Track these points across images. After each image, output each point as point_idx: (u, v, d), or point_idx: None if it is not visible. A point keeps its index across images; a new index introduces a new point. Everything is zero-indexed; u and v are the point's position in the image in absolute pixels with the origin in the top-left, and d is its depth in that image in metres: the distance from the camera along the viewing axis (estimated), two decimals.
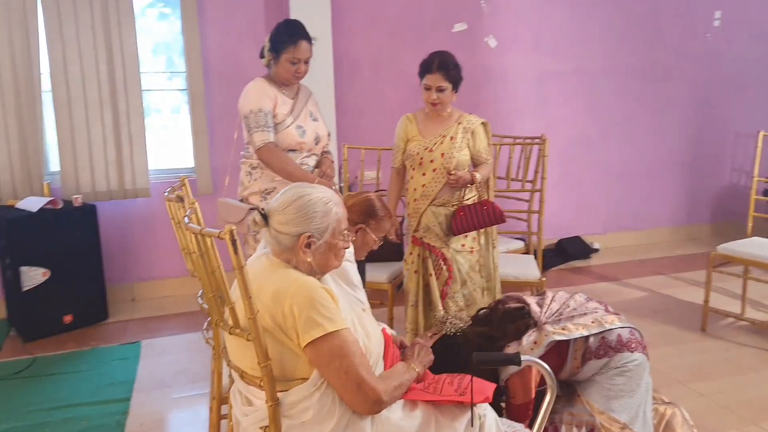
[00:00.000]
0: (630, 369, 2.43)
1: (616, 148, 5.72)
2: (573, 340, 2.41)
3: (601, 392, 2.43)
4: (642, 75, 5.66)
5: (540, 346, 2.37)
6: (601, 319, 2.46)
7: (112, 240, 4.45)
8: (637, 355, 2.45)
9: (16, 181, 4.13)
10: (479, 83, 5.16)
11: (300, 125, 3.09)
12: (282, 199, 1.78)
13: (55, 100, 4.12)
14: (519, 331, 2.44)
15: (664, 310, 4.22)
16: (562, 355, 2.44)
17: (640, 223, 5.95)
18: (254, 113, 3.01)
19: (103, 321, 4.21)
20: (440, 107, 3.12)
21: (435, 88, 3.07)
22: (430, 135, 3.15)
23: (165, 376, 3.44)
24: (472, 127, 3.14)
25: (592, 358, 2.43)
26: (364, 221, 2.49)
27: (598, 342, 2.43)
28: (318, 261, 1.78)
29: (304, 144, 3.10)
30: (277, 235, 1.75)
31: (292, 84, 3.14)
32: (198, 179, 4.53)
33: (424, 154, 3.12)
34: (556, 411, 2.52)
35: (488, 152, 3.20)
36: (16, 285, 3.83)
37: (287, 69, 3.04)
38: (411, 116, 3.26)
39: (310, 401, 1.67)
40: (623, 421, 2.39)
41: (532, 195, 4.10)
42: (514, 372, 2.37)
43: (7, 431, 2.86)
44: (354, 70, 4.84)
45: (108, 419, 2.99)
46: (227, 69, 4.56)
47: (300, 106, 3.14)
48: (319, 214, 1.76)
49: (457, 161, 3.09)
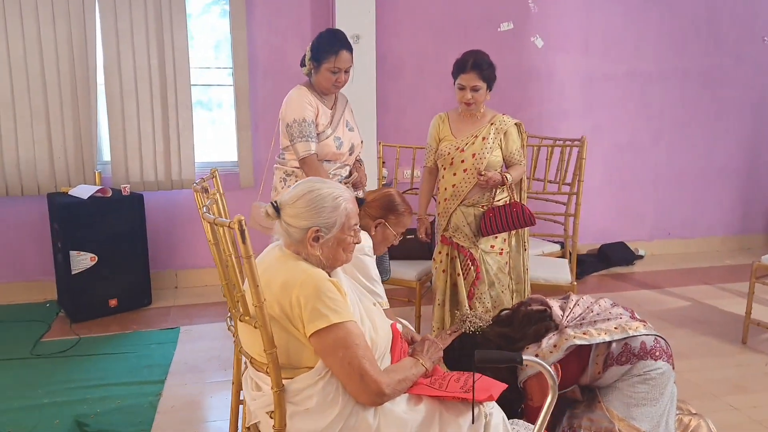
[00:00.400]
0: (653, 377, 2.38)
1: (667, 154, 5.57)
2: (595, 345, 2.38)
3: (622, 399, 2.39)
4: (698, 79, 5.49)
5: (559, 350, 2.35)
6: (624, 325, 2.42)
7: (158, 229, 4.61)
8: (660, 363, 2.40)
9: (70, 169, 4.34)
10: (524, 84, 5.11)
11: (338, 136, 3.11)
12: (293, 192, 1.83)
13: (108, 93, 4.31)
14: (538, 334, 2.42)
15: (705, 321, 4.10)
16: (583, 360, 2.41)
17: (690, 231, 5.77)
18: (298, 123, 3.02)
19: (146, 306, 4.38)
20: (474, 107, 3.11)
21: (469, 88, 3.05)
22: (462, 135, 3.15)
23: (199, 361, 3.56)
24: (504, 128, 3.12)
25: (614, 365, 2.39)
26: (384, 216, 2.52)
27: (621, 348, 2.39)
28: (326, 255, 1.81)
29: (340, 155, 3.12)
30: (287, 227, 1.80)
31: (331, 93, 3.14)
32: (240, 173, 4.65)
33: (455, 154, 3.12)
34: (576, 416, 2.49)
35: (521, 154, 3.18)
36: (66, 268, 4.02)
37: (327, 78, 3.03)
38: (444, 116, 3.26)
39: (314, 389, 1.71)
40: (644, 429, 2.34)
41: (569, 198, 4.04)
42: (532, 374, 2.36)
43: (47, 405, 3.01)
44: (397, 70, 4.86)
45: (142, 399, 3.11)
46: (273, 66, 4.67)
47: (338, 116, 3.16)
48: (328, 209, 1.79)
49: (488, 162, 3.08)
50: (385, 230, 2.49)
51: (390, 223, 2.49)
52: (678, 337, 3.80)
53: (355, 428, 1.72)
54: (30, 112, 4.21)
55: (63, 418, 2.87)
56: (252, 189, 4.68)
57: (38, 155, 4.27)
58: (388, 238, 2.52)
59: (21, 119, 4.20)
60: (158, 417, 2.96)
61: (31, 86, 4.18)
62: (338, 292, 1.73)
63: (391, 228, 2.50)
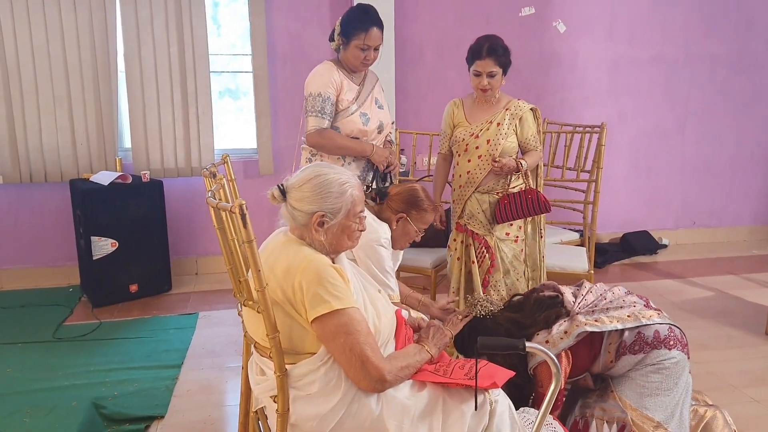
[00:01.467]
0: (667, 367, 2.33)
1: (694, 141, 5.44)
2: (607, 333, 2.35)
3: (635, 389, 2.35)
4: (727, 64, 5.35)
5: (570, 336, 2.31)
6: (638, 314, 2.37)
7: (178, 215, 4.66)
8: (675, 353, 2.35)
9: (92, 155, 4.40)
10: (546, 70, 5.03)
11: (364, 112, 3.02)
12: (300, 176, 1.82)
13: (129, 81, 4.35)
14: (549, 320, 2.39)
15: (729, 312, 4.01)
16: (594, 348, 2.38)
17: (717, 219, 5.64)
18: (313, 97, 2.94)
19: (166, 292, 4.44)
20: (490, 93, 3.06)
21: (485, 74, 2.99)
22: (477, 121, 3.10)
23: (216, 346, 3.59)
24: (520, 113, 3.07)
25: (627, 353, 2.35)
26: (406, 211, 2.49)
27: (634, 337, 2.35)
28: (330, 240, 1.81)
29: (366, 132, 3.03)
30: (292, 211, 1.79)
31: (359, 71, 3.06)
32: (260, 160, 4.67)
33: (470, 141, 3.08)
34: (588, 405, 2.46)
35: (537, 140, 3.12)
36: (88, 254, 4.09)
37: (356, 55, 2.95)
38: (458, 101, 3.21)
39: (316, 375, 1.71)
40: (657, 419, 2.30)
41: (588, 186, 3.97)
42: (542, 360, 2.33)
43: (66, 387, 3.07)
44: (417, 55, 4.82)
45: (159, 383, 3.16)
46: (292, 53, 4.66)
47: (366, 92, 3.08)
48: (334, 195, 1.78)
49: (503, 148, 3.03)
50: (407, 225, 2.47)
51: (412, 218, 2.47)
52: (700, 328, 3.73)
53: (357, 414, 1.72)
54: (53, 99, 4.27)
55: (81, 400, 2.92)
56: (272, 177, 4.70)
57: (61, 142, 4.33)
58: (409, 234, 2.49)
59: (44, 107, 4.27)
60: (174, 400, 3.00)
61: (53, 74, 4.24)
62: (341, 278, 1.73)
63: (412, 223, 2.47)
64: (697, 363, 3.30)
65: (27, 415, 2.80)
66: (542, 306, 2.45)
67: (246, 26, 4.67)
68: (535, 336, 2.38)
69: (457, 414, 1.76)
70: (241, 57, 4.78)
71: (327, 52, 4.66)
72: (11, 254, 4.54)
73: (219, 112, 4.71)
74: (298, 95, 4.65)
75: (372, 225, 2.38)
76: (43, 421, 2.74)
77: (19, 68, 4.20)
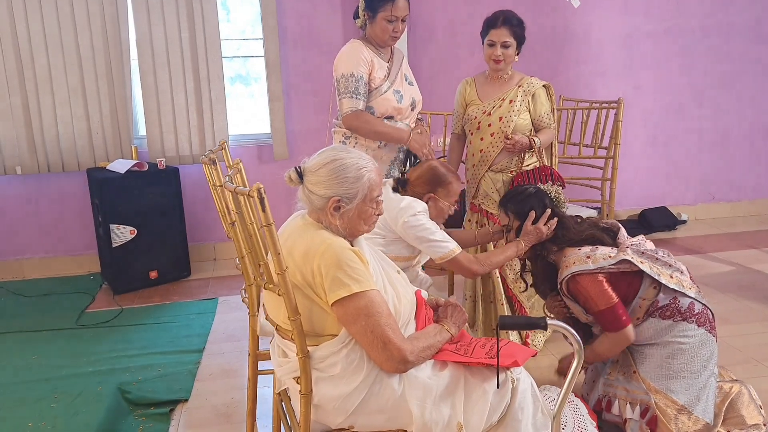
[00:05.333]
0: (691, 346, 2.32)
1: (712, 114, 5.36)
2: (645, 284, 2.34)
3: (660, 371, 2.34)
4: (746, 34, 5.24)
5: (613, 259, 2.32)
6: (681, 280, 2.36)
7: (195, 202, 4.68)
8: (702, 331, 2.34)
9: (108, 144, 4.43)
10: (560, 45, 4.97)
11: (397, 89, 2.94)
12: (317, 159, 1.81)
13: (141, 68, 4.36)
14: (593, 239, 2.42)
15: (750, 286, 3.97)
16: (630, 291, 2.36)
17: (737, 193, 5.57)
18: (345, 78, 2.84)
19: (185, 278, 4.48)
20: (503, 65, 3.01)
21: (500, 44, 2.94)
22: (489, 98, 3.07)
23: (237, 330, 3.62)
24: (532, 90, 3.02)
25: (656, 316, 2.35)
26: (432, 190, 2.49)
27: (668, 300, 2.34)
28: (346, 225, 1.80)
29: (401, 110, 2.95)
30: (309, 194, 1.79)
31: (388, 45, 2.95)
32: (274, 145, 4.67)
33: (482, 118, 3.05)
34: (611, 384, 2.45)
35: (550, 117, 3.08)
36: (107, 242, 4.13)
37: (384, 28, 2.84)
38: (470, 80, 3.18)
39: (338, 357, 1.72)
40: (681, 402, 2.29)
41: (606, 162, 3.93)
42: (578, 272, 2.32)
43: (92, 373, 3.12)
44: (428, 35, 4.78)
45: (181, 367, 3.20)
46: (303, 35, 4.64)
47: (395, 69, 2.98)
48: (351, 179, 1.77)
49: (515, 125, 3.00)
50: (437, 203, 2.46)
51: (440, 195, 2.46)
52: (721, 303, 3.70)
53: (379, 394, 1.73)
54: (67, 89, 4.29)
55: (106, 385, 2.97)
56: (286, 161, 4.70)
57: (77, 131, 4.36)
58: (443, 210, 2.49)
59: (59, 96, 4.29)
60: (197, 384, 3.04)
61: (67, 64, 4.26)
62: (360, 260, 1.73)
63: (442, 200, 2.46)
64: (719, 338, 3.24)
65: (54, 400, 2.86)
66: (596, 226, 2.48)
67: (255, 11, 4.65)
68: (579, 249, 2.40)
69: (479, 392, 1.77)
70: (251, 42, 4.76)
71: (339, 34, 4.65)
72: (32, 244, 4.60)
73: (231, 99, 4.70)
74: (311, 78, 4.68)
75: (406, 203, 2.38)
76: (70, 407, 2.79)
77: (33, 58, 4.21)
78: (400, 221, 2.37)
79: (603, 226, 2.52)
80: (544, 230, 2.49)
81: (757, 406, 2.40)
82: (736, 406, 2.39)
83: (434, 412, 1.73)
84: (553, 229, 2.51)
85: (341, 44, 3.02)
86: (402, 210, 2.38)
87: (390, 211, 2.39)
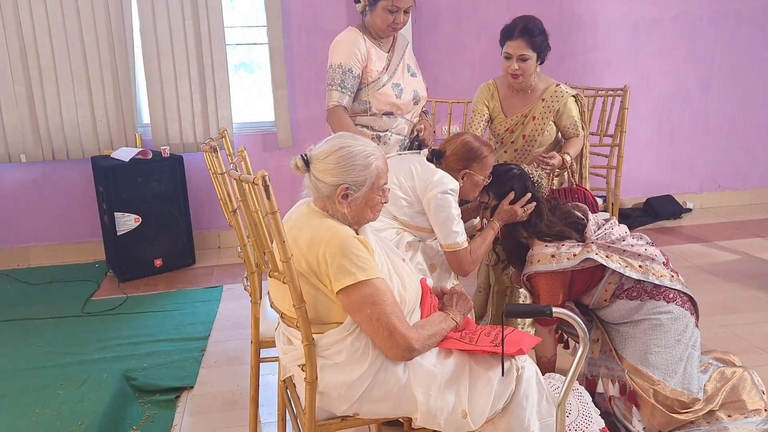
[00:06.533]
0: (662, 322, 2.34)
1: (719, 102, 5.32)
2: (610, 271, 2.36)
3: (635, 346, 2.37)
4: (753, 21, 5.19)
5: (576, 259, 2.34)
6: (649, 268, 2.37)
7: (199, 190, 4.68)
8: (673, 306, 2.35)
9: (112, 131, 4.43)
10: (566, 33, 4.93)
11: (397, 83, 2.77)
12: (324, 147, 1.80)
13: (145, 56, 4.35)
14: (561, 235, 2.43)
15: (756, 275, 3.95)
16: (594, 279, 2.40)
17: (743, 182, 5.54)
18: (333, 68, 2.72)
19: (190, 266, 4.48)
20: (521, 80, 2.78)
21: (516, 57, 2.71)
22: (513, 113, 2.91)
23: (241, 318, 3.63)
24: (556, 106, 2.84)
25: (623, 298, 2.38)
26: (467, 166, 2.46)
27: (632, 283, 2.36)
28: (353, 213, 1.80)
29: (400, 106, 2.78)
30: (316, 182, 1.78)
31: (387, 36, 2.78)
32: (278, 133, 4.66)
33: (505, 135, 2.94)
34: (594, 363, 2.50)
35: (577, 126, 2.89)
36: (112, 229, 4.14)
37: (384, 18, 2.66)
38: (492, 85, 2.96)
39: (343, 344, 1.73)
40: (656, 378, 2.31)
41: (611, 150, 3.91)
42: (543, 271, 2.36)
43: (97, 360, 3.14)
44: (433, 21, 4.75)
45: (187, 354, 3.21)
46: (307, 22, 4.61)
47: (396, 60, 2.81)
48: (359, 167, 1.76)
49: (539, 143, 2.89)
50: (473, 178, 2.44)
51: (475, 170, 2.44)
52: (727, 291, 3.69)
53: (384, 382, 1.73)
54: (71, 76, 4.29)
55: (112, 372, 2.98)
56: (290, 149, 4.69)
57: (81, 119, 4.36)
58: (478, 184, 2.47)
59: (63, 84, 4.29)
60: (202, 371, 3.06)
61: (70, 51, 4.25)
62: (365, 249, 1.72)
63: (477, 174, 2.45)
64: (724, 326, 3.28)
65: (61, 387, 2.87)
66: (567, 220, 2.48)
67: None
68: (546, 246, 2.41)
69: (484, 380, 1.77)
70: (255, 29, 4.74)
71: (343, 21, 4.62)
72: (37, 231, 4.61)
73: (235, 86, 4.68)
74: (315, 66, 4.66)
75: (439, 177, 2.36)
76: (77, 393, 2.81)
77: (37, 46, 4.20)
78: (428, 193, 2.35)
79: (572, 219, 2.50)
80: (519, 212, 2.48)
81: (760, 391, 2.40)
82: (737, 390, 2.39)
83: (439, 399, 1.74)
84: (528, 213, 2.49)
85: None
86: (434, 183, 2.35)
87: (422, 180, 2.37)
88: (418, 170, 2.40)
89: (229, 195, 2.23)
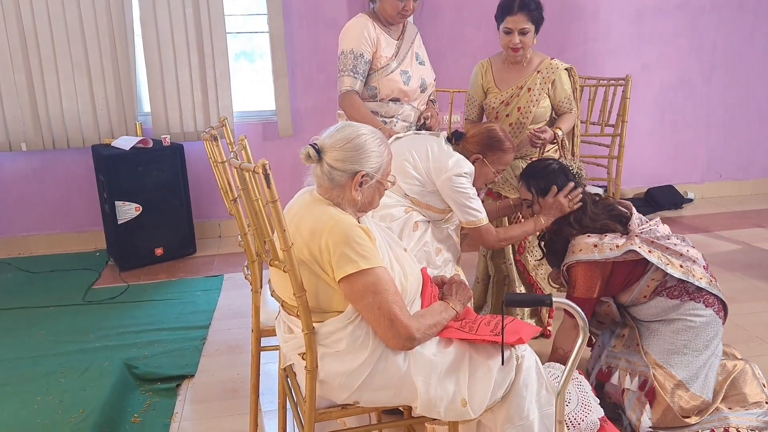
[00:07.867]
0: (696, 325, 2.32)
1: (721, 91, 5.30)
2: (653, 267, 2.34)
3: (663, 345, 2.36)
4: (756, 9, 5.16)
5: (620, 250, 2.32)
6: (690, 269, 2.35)
7: (200, 179, 4.67)
8: (709, 311, 2.34)
9: (113, 120, 4.42)
10: (568, 22, 4.91)
11: (405, 70, 2.80)
12: (339, 136, 1.78)
13: (145, 44, 4.33)
14: (604, 228, 2.41)
15: (757, 265, 3.96)
16: (634, 275, 2.38)
17: (745, 172, 5.53)
18: (345, 54, 2.75)
19: (191, 255, 4.49)
20: (522, 53, 2.85)
21: (517, 31, 2.77)
22: (507, 86, 2.94)
23: (242, 307, 3.64)
24: (552, 77, 2.89)
25: (663, 295, 2.36)
26: (482, 152, 2.44)
27: (676, 282, 2.35)
28: (365, 199, 1.80)
29: (408, 92, 2.82)
30: (330, 171, 1.75)
31: (397, 23, 2.81)
32: (279, 122, 4.65)
33: (500, 108, 2.95)
34: (614, 356, 2.48)
35: (571, 101, 2.95)
36: (113, 218, 4.14)
37: (393, 5, 2.70)
38: (486, 64, 3.03)
39: (344, 333, 1.73)
40: (680, 378, 2.30)
41: (613, 140, 3.90)
42: (583, 260, 2.35)
43: (99, 349, 3.15)
44: (435, 11, 4.72)
45: (188, 343, 3.22)
46: (308, 11, 4.59)
47: (405, 47, 2.85)
48: (375, 154, 1.77)
49: (534, 115, 2.90)
50: (483, 167, 2.41)
51: (489, 159, 2.41)
52: (727, 281, 3.69)
53: (384, 371, 1.74)
54: (71, 65, 4.27)
55: (113, 360, 2.99)
56: (291, 138, 4.69)
57: (81, 107, 4.35)
58: (487, 175, 2.44)
59: (63, 73, 4.27)
60: (203, 360, 3.07)
61: (70, 40, 4.23)
62: (367, 237, 1.72)
63: (489, 165, 2.43)
64: None
65: (62, 375, 2.88)
66: (610, 213, 2.46)
67: None
68: (588, 237, 2.39)
69: (484, 369, 1.77)
70: (256, 17, 4.72)
71: (344, 9, 4.60)
72: (38, 220, 4.62)
73: (235, 75, 4.66)
74: (316, 54, 4.64)
75: (454, 161, 2.36)
76: (78, 381, 2.82)
77: (37, 35, 4.19)
78: (443, 175, 2.35)
79: (617, 212, 2.49)
80: (565, 203, 2.45)
81: (760, 384, 2.41)
82: (738, 383, 2.40)
83: (439, 388, 1.74)
84: (575, 202, 2.47)
85: (347, 20, 2.95)
86: (449, 166, 2.35)
87: (437, 162, 2.36)
88: (435, 152, 2.39)
89: (230, 184, 2.23)
